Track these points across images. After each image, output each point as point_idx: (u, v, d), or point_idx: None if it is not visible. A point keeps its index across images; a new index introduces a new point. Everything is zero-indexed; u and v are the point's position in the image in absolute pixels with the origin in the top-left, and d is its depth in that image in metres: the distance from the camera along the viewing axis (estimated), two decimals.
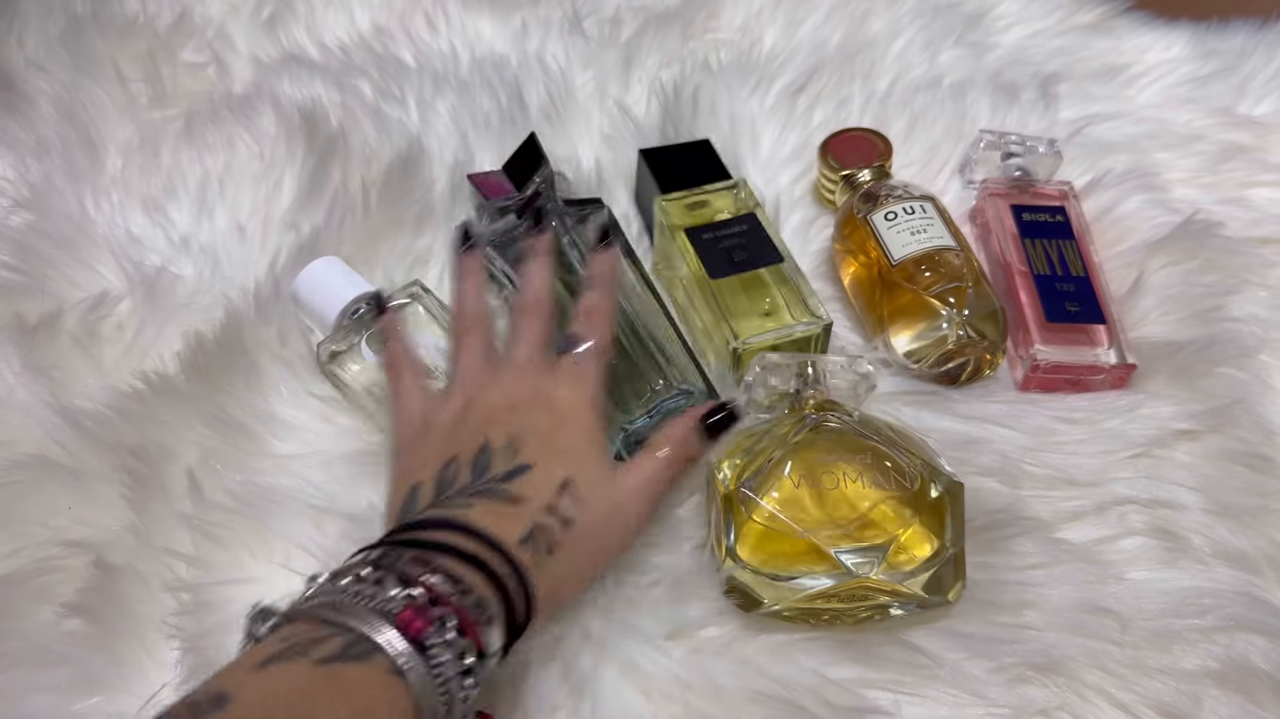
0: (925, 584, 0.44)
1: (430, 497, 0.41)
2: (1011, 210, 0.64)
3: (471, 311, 0.49)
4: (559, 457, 0.42)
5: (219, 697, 0.30)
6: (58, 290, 0.59)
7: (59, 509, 0.48)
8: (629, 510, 0.43)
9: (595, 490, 0.42)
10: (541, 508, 0.40)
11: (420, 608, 0.33)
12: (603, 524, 0.42)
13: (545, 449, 0.42)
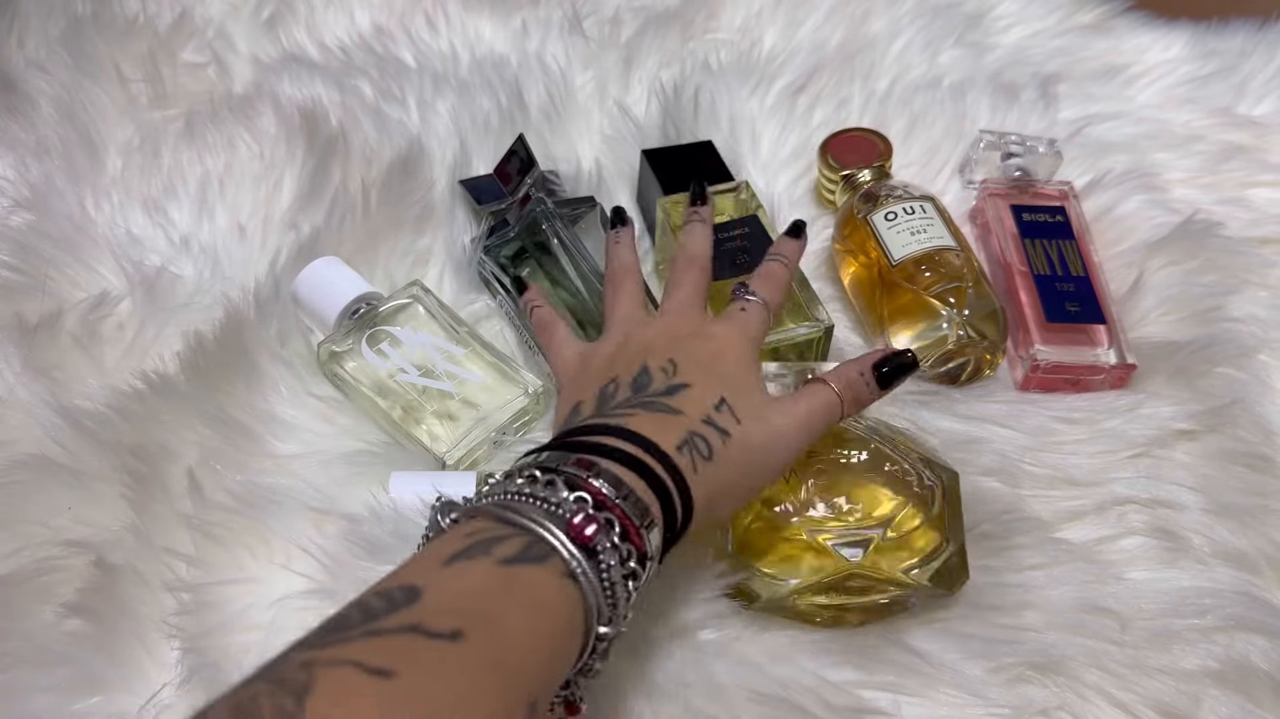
0: (929, 578, 0.44)
1: (592, 410, 0.43)
2: (1011, 210, 0.64)
3: (624, 263, 0.52)
4: (716, 379, 0.43)
5: (411, 589, 0.31)
6: (58, 290, 0.59)
7: (59, 509, 0.48)
8: (786, 435, 0.44)
9: (752, 412, 0.43)
10: (699, 419, 0.41)
11: (589, 515, 0.35)
12: (760, 443, 0.43)
13: (703, 372, 0.43)
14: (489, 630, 0.31)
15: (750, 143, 0.71)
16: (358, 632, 0.29)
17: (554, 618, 0.33)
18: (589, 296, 0.56)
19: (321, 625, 0.30)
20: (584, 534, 0.34)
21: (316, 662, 0.28)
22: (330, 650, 0.28)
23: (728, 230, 0.59)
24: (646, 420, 0.41)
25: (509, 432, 0.54)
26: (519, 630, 0.31)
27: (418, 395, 0.54)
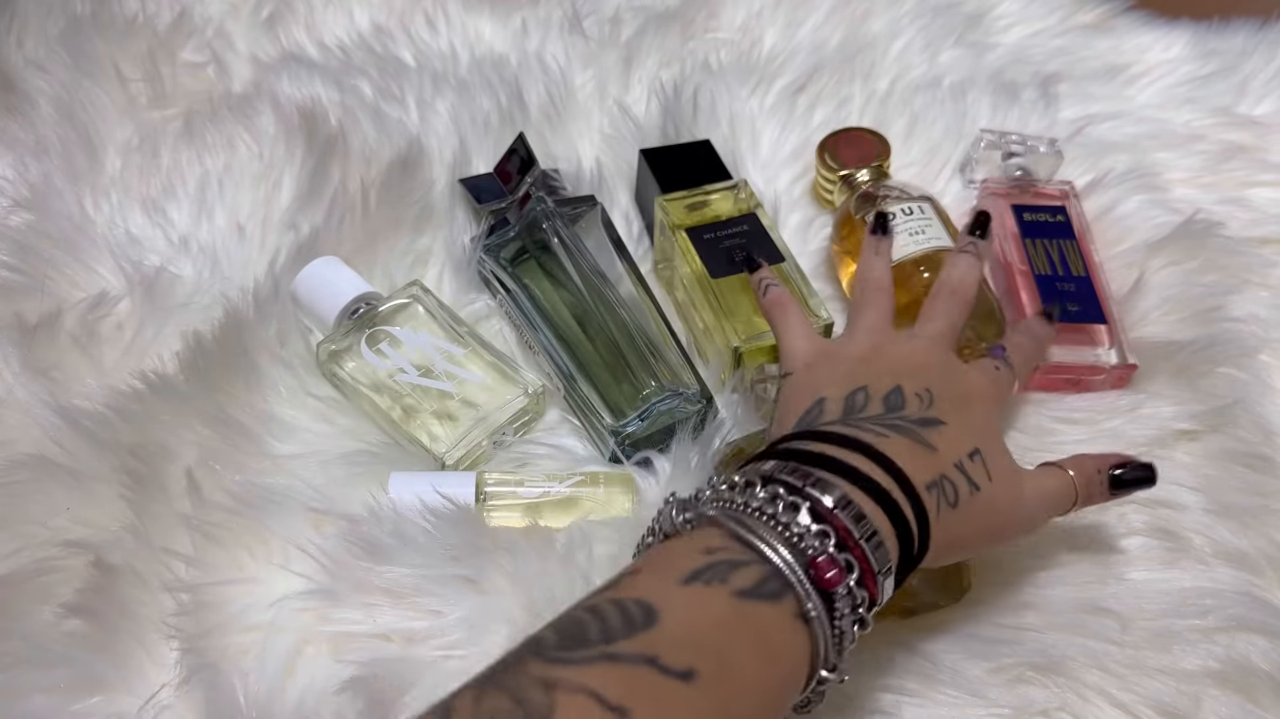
0: (932, 584, 0.44)
1: (837, 413, 0.40)
2: (1012, 210, 0.64)
3: (878, 280, 0.49)
4: (971, 427, 0.41)
5: (648, 609, 0.31)
6: (57, 290, 0.59)
7: (58, 509, 0.48)
8: (1031, 506, 0.42)
9: (1002, 472, 0.40)
10: (953, 462, 0.39)
11: (832, 557, 0.33)
12: (1005, 505, 0.40)
13: (958, 414, 0.41)
14: (721, 673, 0.30)
15: (750, 142, 0.71)
16: (596, 652, 0.29)
17: (784, 663, 0.32)
18: (589, 296, 0.56)
19: (558, 628, 0.30)
20: (825, 578, 0.33)
21: (558, 684, 0.27)
22: (571, 671, 0.28)
23: (727, 228, 0.59)
24: (900, 447, 0.38)
25: (508, 432, 0.54)
26: (749, 675, 0.31)
27: (417, 395, 0.54)
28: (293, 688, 0.44)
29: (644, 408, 0.52)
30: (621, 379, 0.54)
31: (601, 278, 0.57)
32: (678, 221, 0.59)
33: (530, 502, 0.50)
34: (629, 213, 0.68)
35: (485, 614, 0.45)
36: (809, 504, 0.34)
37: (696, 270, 0.57)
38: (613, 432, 0.52)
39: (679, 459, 0.52)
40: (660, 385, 0.52)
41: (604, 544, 0.48)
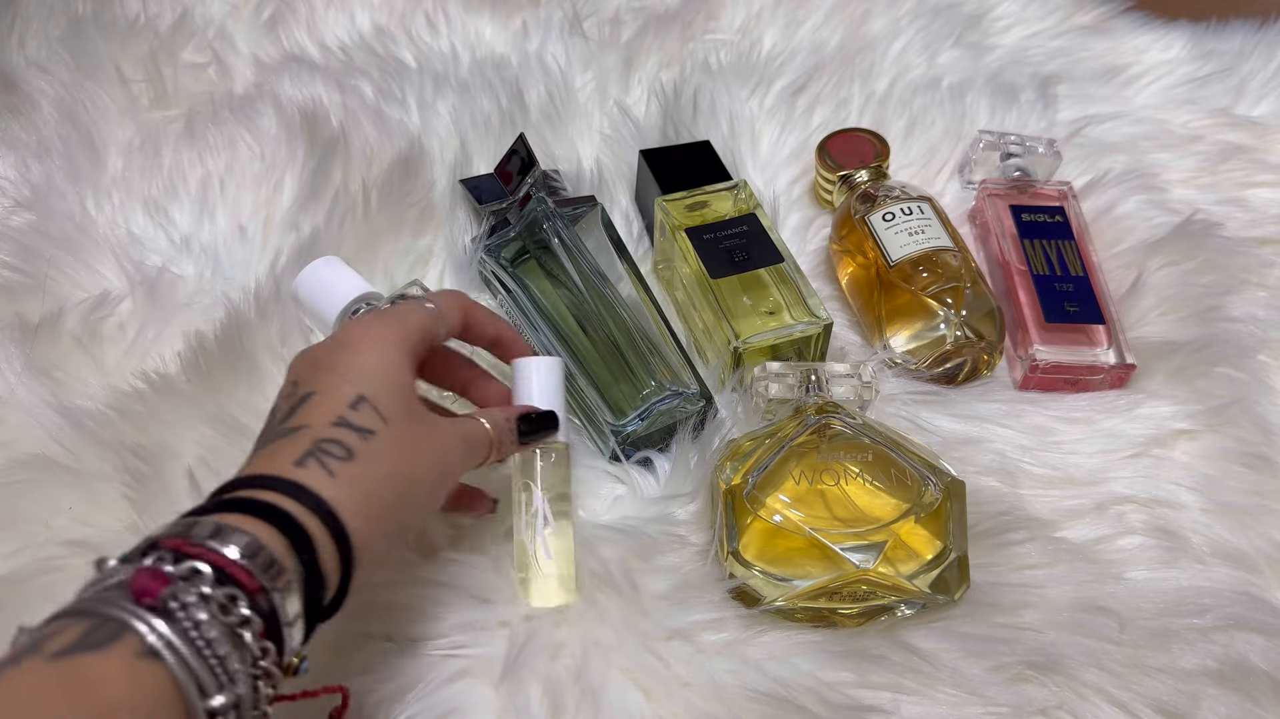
0: (930, 584, 0.45)
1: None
2: (1011, 210, 0.64)
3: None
4: (349, 378, 0.37)
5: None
6: (59, 290, 0.59)
7: (60, 509, 0.48)
8: (447, 441, 0.39)
9: (399, 410, 0.37)
10: (328, 422, 0.36)
11: (153, 570, 0.28)
12: (417, 438, 0.37)
13: (328, 374, 0.37)
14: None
15: (750, 143, 0.71)
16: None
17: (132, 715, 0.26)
18: (589, 296, 0.56)
19: None
20: (148, 590, 0.27)
21: None
22: None
23: (727, 229, 0.59)
24: (264, 458, 0.35)
25: None
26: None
27: None
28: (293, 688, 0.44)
29: (644, 407, 0.52)
30: (621, 379, 0.54)
31: (602, 278, 0.57)
32: (678, 222, 0.59)
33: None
34: (629, 213, 0.68)
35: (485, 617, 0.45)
36: (139, 549, 0.30)
37: (696, 270, 0.57)
38: (613, 431, 0.52)
39: (679, 459, 0.52)
40: (660, 385, 0.53)
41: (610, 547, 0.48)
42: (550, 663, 0.44)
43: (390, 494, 0.36)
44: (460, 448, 0.40)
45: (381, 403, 0.37)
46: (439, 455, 0.38)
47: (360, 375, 0.37)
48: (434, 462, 0.38)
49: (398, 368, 0.39)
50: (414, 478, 0.37)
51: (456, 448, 0.40)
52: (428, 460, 0.38)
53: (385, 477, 0.36)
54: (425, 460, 0.38)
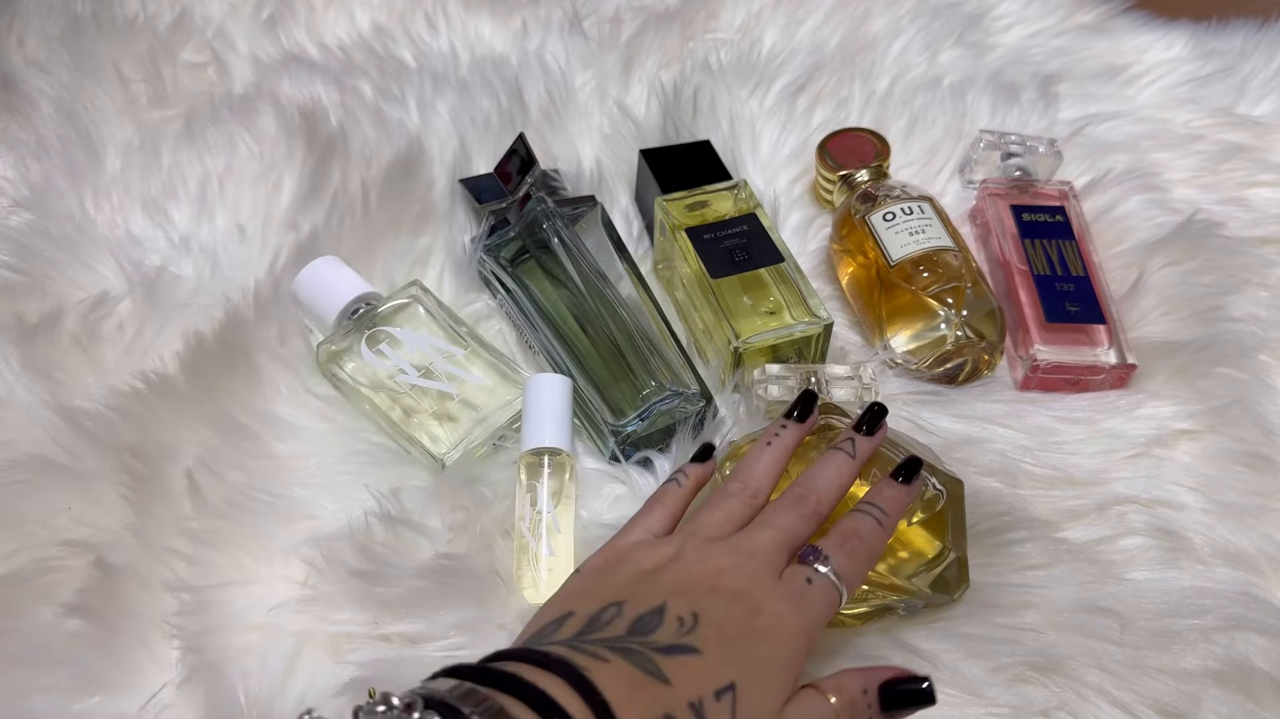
0: (930, 584, 0.44)
1: (573, 631, 0.34)
2: (1011, 210, 0.64)
3: (751, 478, 0.42)
4: (735, 660, 0.34)
5: None
6: (58, 290, 0.59)
7: (59, 509, 0.48)
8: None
9: (755, 715, 0.33)
10: (686, 701, 0.32)
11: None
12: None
13: (724, 646, 0.34)
14: None
15: (750, 143, 0.71)
16: None
17: None
18: (589, 296, 0.56)
19: None
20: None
21: None
22: None
23: (727, 229, 0.59)
24: (619, 675, 0.31)
25: (509, 433, 0.54)
26: None
27: (417, 396, 0.54)
28: (293, 688, 0.44)
29: (644, 407, 0.52)
30: (621, 379, 0.54)
31: (601, 278, 0.57)
32: (678, 222, 0.59)
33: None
34: (629, 213, 0.68)
35: (484, 618, 0.45)
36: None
37: (696, 270, 0.57)
38: (613, 431, 0.52)
39: (679, 459, 0.52)
40: (660, 385, 0.52)
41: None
42: None
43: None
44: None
45: (744, 703, 0.33)
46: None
47: (747, 664, 0.34)
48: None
49: (786, 664, 0.35)
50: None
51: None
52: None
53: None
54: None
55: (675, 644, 0.33)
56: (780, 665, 0.35)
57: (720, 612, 0.35)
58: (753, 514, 0.41)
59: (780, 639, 0.35)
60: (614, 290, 0.57)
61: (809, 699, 0.35)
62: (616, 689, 0.31)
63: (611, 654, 0.32)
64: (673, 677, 0.32)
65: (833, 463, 0.42)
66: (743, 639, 0.34)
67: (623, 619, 0.34)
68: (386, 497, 0.49)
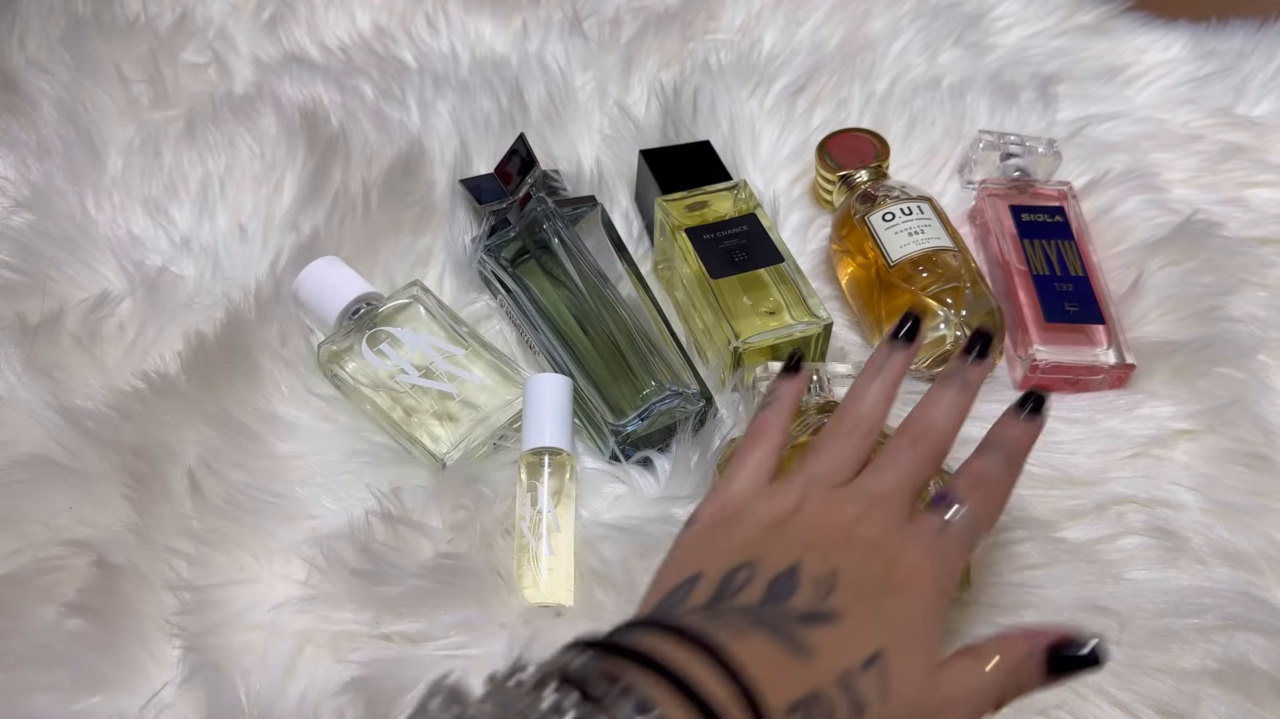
0: None
1: (705, 597, 0.33)
2: (1010, 210, 0.64)
3: (863, 413, 0.39)
4: (878, 623, 0.32)
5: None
6: (59, 290, 0.59)
7: (60, 509, 0.49)
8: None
9: (908, 683, 0.31)
10: (835, 675, 0.30)
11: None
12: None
13: (865, 606, 0.32)
14: None
15: (750, 143, 0.71)
16: None
17: None
18: (589, 296, 0.56)
19: None
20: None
21: None
22: None
23: (727, 229, 0.59)
24: (761, 650, 0.30)
25: (509, 433, 0.54)
26: None
27: (417, 396, 0.54)
28: (294, 687, 0.44)
29: (644, 407, 0.52)
30: (621, 379, 0.54)
31: (601, 278, 0.57)
32: (678, 222, 0.60)
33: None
34: (629, 213, 0.68)
35: (485, 617, 0.46)
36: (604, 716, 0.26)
37: (696, 270, 0.57)
38: (613, 431, 0.52)
39: (679, 459, 0.52)
40: (660, 385, 0.53)
41: (611, 546, 0.48)
42: None
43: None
44: (967, 715, 0.33)
45: (895, 669, 0.31)
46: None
47: (890, 624, 0.32)
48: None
49: (928, 617, 0.33)
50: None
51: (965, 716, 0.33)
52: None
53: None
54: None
55: (815, 611, 0.32)
56: (924, 623, 0.33)
57: (857, 567, 0.33)
58: (867, 455, 0.38)
59: (920, 593, 0.34)
60: (614, 290, 0.57)
61: (964, 666, 0.34)
62: (758, 667, 0.29)
63: (750, 627, 0.31)
64: (816, 649, 0.31)
65: (945, 396, 0.38)
66: (883, 597, 0.33)
67: (756, 583, 0.33)
68: (387, 496, 0.49)
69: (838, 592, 0.32)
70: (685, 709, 0.27)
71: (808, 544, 0.34)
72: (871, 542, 0.34)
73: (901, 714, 0.31)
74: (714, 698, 0.27)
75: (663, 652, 0.28)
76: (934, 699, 0.32)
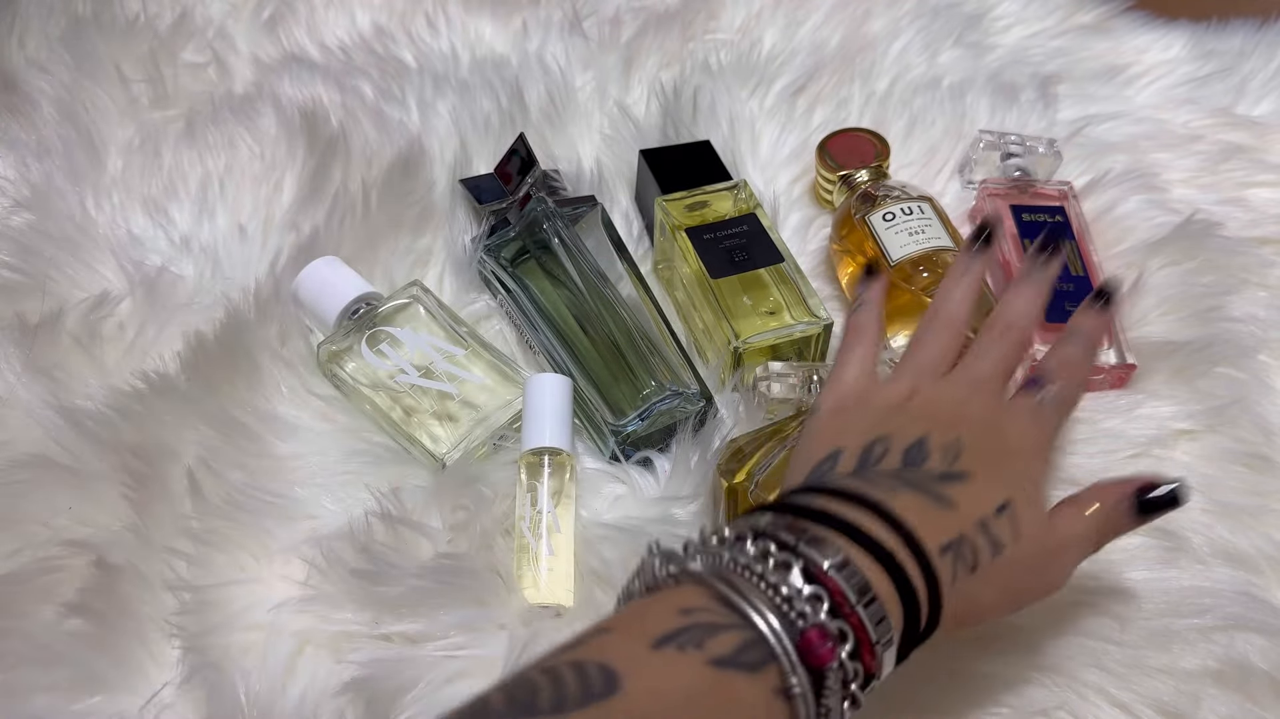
0: None
1: (851, 466, 0.37)
2: (1011, 210, 0.64)
3: (954, 311, 0.44)
4: (1002, 479, 0.37)
5: (610, 675, 0.28)
6: (59, 290, 0.59)
7: (60, 509, 0.49)
8: (1062, 560, 0.38)
9: (1033, 526, 0.37)
10: (974, 521, 0.35)
11: (825, 629, 0.30)
12: (1032, 563, 0.37)
13: (988, 467, 0.37)
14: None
15: (750, 143, 0.71)
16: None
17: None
18: (589, 296, 0.56)
19: (507, 691, 0.27)
20: (815, 654, 0.29)
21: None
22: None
23: (727, 229, 0.59)
24: (912, 505, 0.35)
25: (509, 433, 0.54)
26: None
27: (417, 396, 0.54)
28: (294, 687, 0.44)
29: (644, 407, 0.52)
30: (621, 379, 0.54)
31: (601, 278, 0.57)
32: (678, 222, 0.59)
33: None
34: (629, 213, 0.68)
35: (485, 617, 0.46)
36: (802, 564, 0.31)
37: (696, 270, 0.57)
38: (613, 431, 0.52)
39: (679, 459, 0.52)
40: (660, 385, 0.53)
41: (611, 546, 0.48)
42: None
43: (984, 615, 0.36)
44: (1071, 564, 0.39)
45: (1021, 516, 0.36)
46: (1049, 580, 0.38)
47: (1011, 480, 0.37)
48: (1041, 586, 0.38)
49: (1040, 477, 0.39)
50: (1015, 597, 0.38)
51: (1068, 565, 0.39)
52: (1036, 585, 0.38)
53: (991, 602, 0.36)
54: (1034, 585, 0.38)
55: (948, 472, 0.36)
56: (1037, 479, 0.39)
57: (975, 436, 0.38)
58: (960, 346, 0.43)
59: (1030, 455, 0.39)
60: (614, 290, 0.57)
61: (1070, 513, 0.39)
62: (913, 517, 0.34)
63: (899, 486, 0.35)
64: (956, 500, 0.35)
65: (1023, 293, 0.44)
66: (1001, 459, 0.38)
67: (893, 453, 0.37)
68: (387, 496, 0.49)
69: (964, 456, 0.37)
70: (862, 553, 0.32)
71: (931, 420, 0.39)
72: (982, 417, 0.39)
73: (1030, 552, 0.36)
74: (885, 543, 0.33)
75: (835, 509, 0.34)
76: (1053, 540, 0.38)
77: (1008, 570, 0.36)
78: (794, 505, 0.34)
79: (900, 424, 0.39)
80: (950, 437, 0.38)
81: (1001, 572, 0.35)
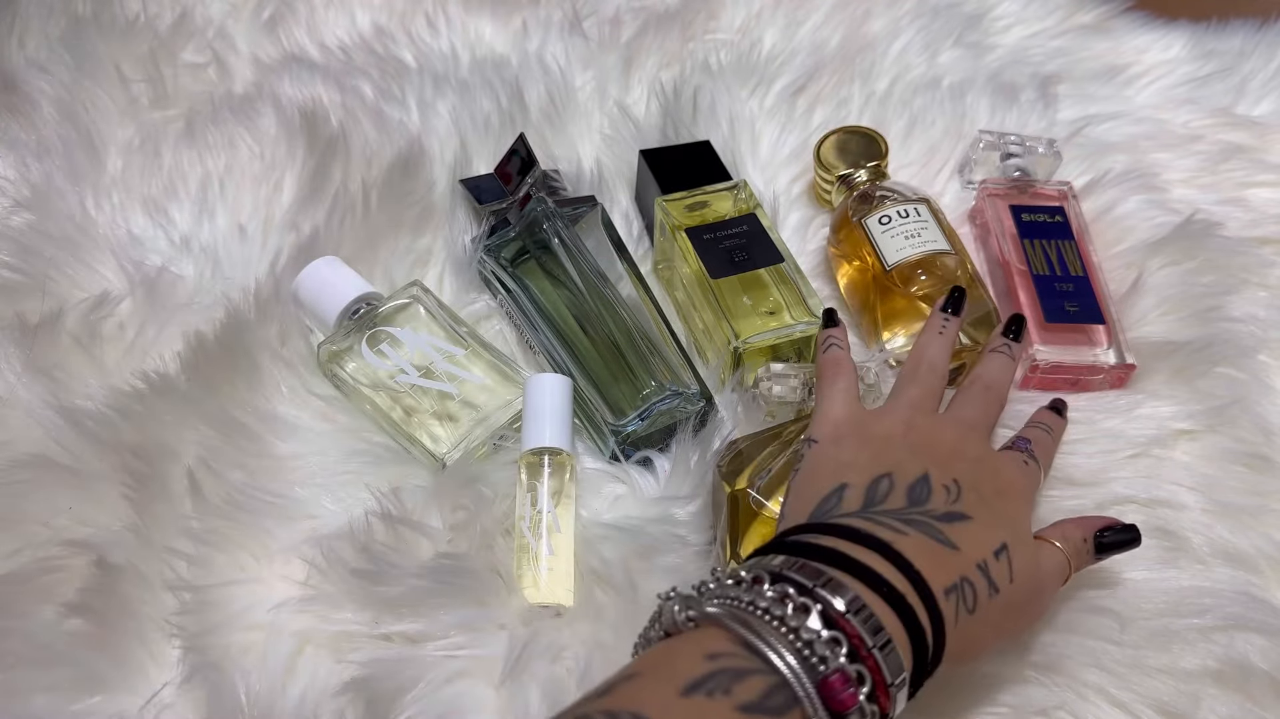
0: None
1: (857, 504, 0.39)
2: (1011, 211, 0.64)
3: (935, 359, 0.47)
4: (999, 522, 0.39)
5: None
6: (59, 290, 0.59)
7: (60, 509, 0.49)
8: (1045, 597, 0.41)
9: (1025, 566, 0.39)
10: (975, 563, 0.37)
11: (846, 673, 0.31)
12: (1023, 602, 0.39)
13: (986, 509, 0.39)
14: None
15: (750, 143, 0.71)
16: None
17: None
18: (589, 296, 0.56)
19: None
20: (839, 701, 0.30)
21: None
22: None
23: (727, 229, 0.59)
24: (920, 547, 0.36)
25: (509, 433, 0.54)
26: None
27: (417, 396, 0.54)
28: (294, 687, 0.44)
29: (644, 407, 0.52)
30: (621, 379, 0.54)
31: (601, 278, 0.57)
32: (678, 222, 0.59)
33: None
34: (629, 213, 0.68)
35: (485, 617, 0.46)
36: (820, 607, 0.32)
37: (696, 270, 0.57)
38: (613, 431, 0.52)
39: (679, 459, 0.52)
40: (660, 385, 0.53)
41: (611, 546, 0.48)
42: (551, 665, 0.44)
43: (977, 653, 0.38)
44: (1057, 588, 0.42)
45: (1015, 558, 0.38)
46: (1032, 617, 0.41)
47: (1006, 523, 0.39)
48: (1027, 622, 0.41)
49: (1028, 521, 0.41)
50: (1005, 635, 0.40)
51: (1048, 603, 0.42)
52: (1023, 622, 0.41)
53: (986, 640, 0.38)
54: (1019, 626, 0.41)
55: (951, 512, 0.38)
56: (1026, 522, 0.41)
57: (972, 476, 0.40)
58: (941, 393, 0.46)
59: (1020, 499, 0.41)
60: (614, 290, 0.57)
61: (1049, 550, 0.41)
62: (920, 559, 0.35)
63: (905, 526, 0.37)
64: (958, 542, 0.37)
65: (998, 361, 0.48)
66: (996, 500, 0.40)
67: (897, 491, 0.39)
68: (387, 496, 0.49)
69: (964, 496, 0.39)
70: (874, 596, 0.33)
71: (929, 457, 0.41)
72: (976, 457, 0.42)
73: (1023, 590, 0.38)
74: (897, 586, 0.34)
75: (846, 549, 0.35)
76: (1043, 576, 0.40)
77: (1002, 610, 0.37)
78: (805, 545, 0.35)
79: (900, 459, 0.41)
80: (949, 476, 0.40)
81: (996, 611, 0.37)
